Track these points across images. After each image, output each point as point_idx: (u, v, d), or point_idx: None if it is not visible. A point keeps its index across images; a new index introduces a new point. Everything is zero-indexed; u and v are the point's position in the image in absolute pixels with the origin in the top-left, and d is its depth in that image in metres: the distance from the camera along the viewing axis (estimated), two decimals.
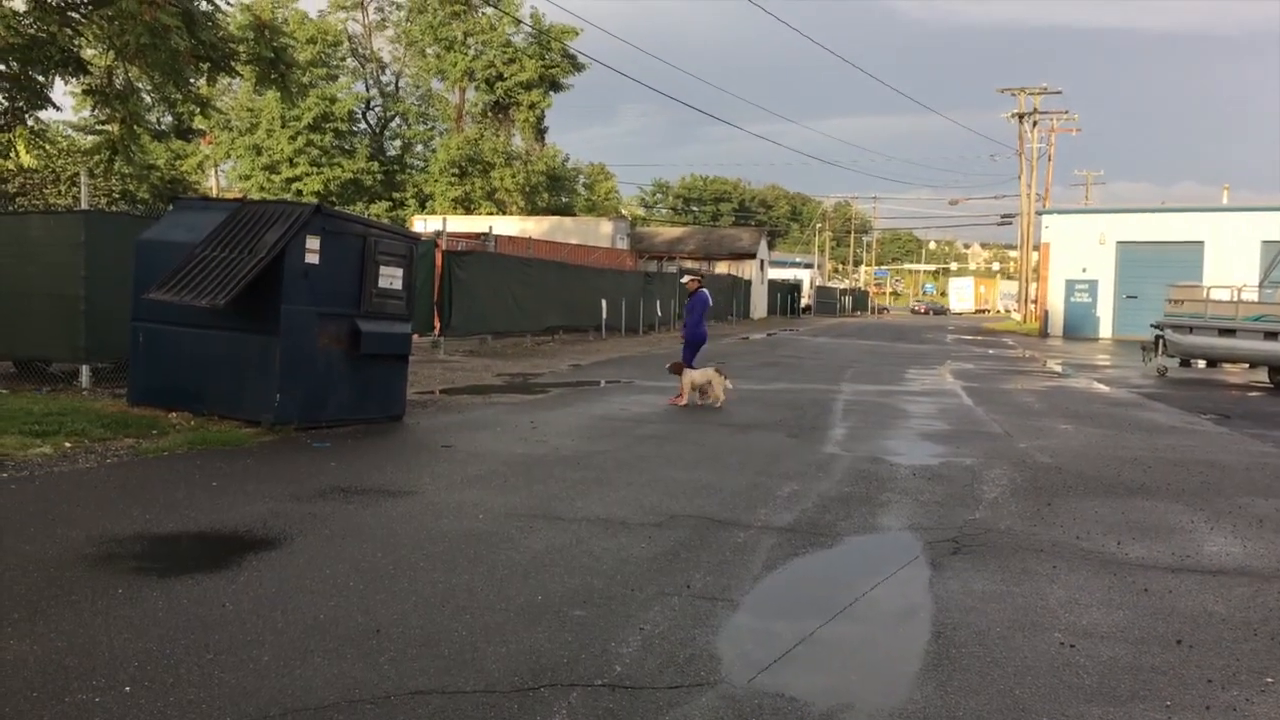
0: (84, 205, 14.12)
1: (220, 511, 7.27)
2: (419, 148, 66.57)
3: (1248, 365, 22.93)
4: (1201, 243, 41.67)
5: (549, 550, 6.50)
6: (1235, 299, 22.27)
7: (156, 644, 4.65)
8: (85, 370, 13.40)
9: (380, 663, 4.52)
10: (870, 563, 6.66)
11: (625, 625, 5.11)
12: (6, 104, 13.12)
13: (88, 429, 10.10)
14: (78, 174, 17.78)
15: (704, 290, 15.95)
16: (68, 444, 9.56)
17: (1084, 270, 44.76)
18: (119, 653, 4.54)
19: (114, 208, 19.61)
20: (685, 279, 17.23)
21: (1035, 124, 59.04)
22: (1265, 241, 38.02)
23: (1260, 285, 24.76)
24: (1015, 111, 59.13)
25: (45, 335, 13.34)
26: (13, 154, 14.72)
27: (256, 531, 6.75)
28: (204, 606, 5.19)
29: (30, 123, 13.65)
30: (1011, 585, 6.05)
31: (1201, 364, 24.04)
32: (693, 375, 14.72)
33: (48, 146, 16.34)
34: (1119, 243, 44.00)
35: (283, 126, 55.71)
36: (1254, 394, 19.79)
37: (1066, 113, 60.88)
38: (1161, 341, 23.00)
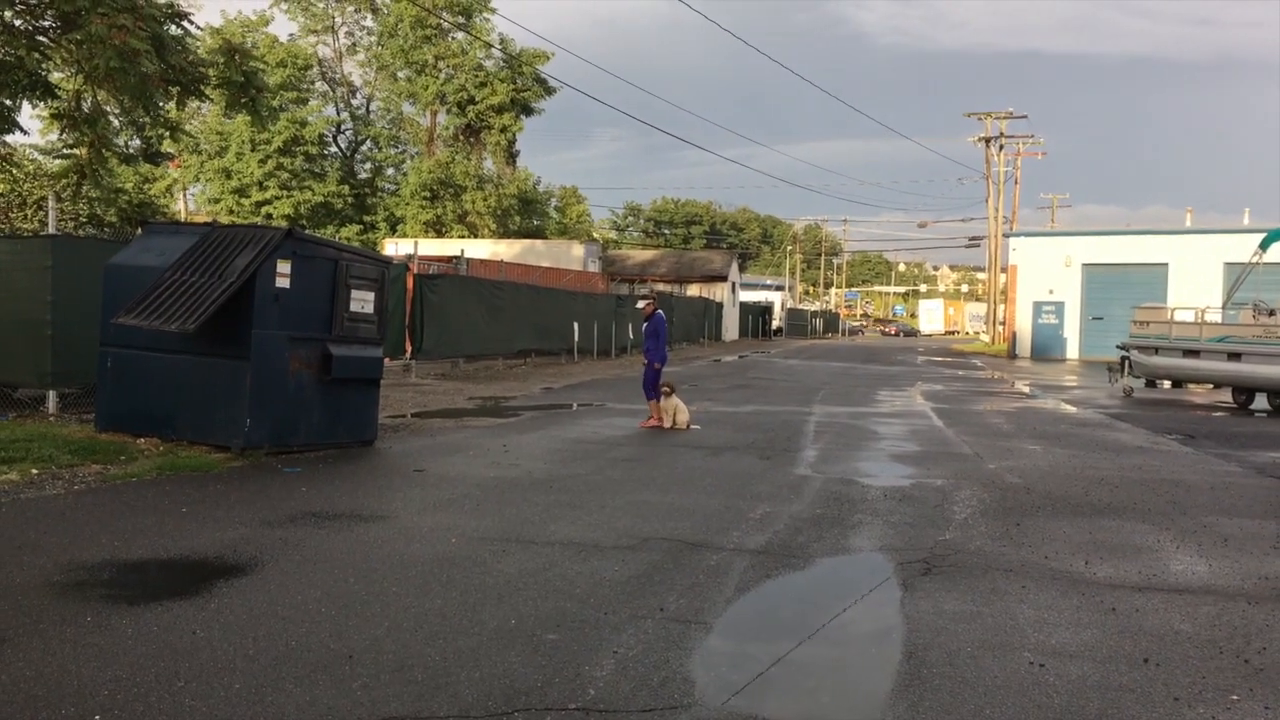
0: (51, 229, 14.02)
1: (190, 538, 7.22)
2: (390, 171, 66.45)
3: (1212, 385, 23.21)
4: (1166, 264, 42.24)
5: (522, 574, 6.49)
6: (1199, 320, 22.55)
7: (126, 672, 4.62)
8: (52, 396, 13.27)
9: (353, 689, 4.51)
10: (842, 584, 6.71)
11: (599, 649, 5.12)
12: None
13: (55, 455, 10.00)
14: (45, 198, 17.65)
15: (660, 312, 15.91)
16: (34, 470, 9.46)
17: (1051, 292, 45.23)
18: (88, 681, 4.50)
19: (82, 232, 19.46)
20: (641, 303, 16.55)
21: (1002, 148, 59.80)
22: (1228, 263, 38.48)
23: (1223, 306, 25.05)
24: (982, 135, 59.86)
25: (11, 360, 13.21)
26: None
27: (227, 558, 6.70)
28: (174, 634, 5.15)
29: None
30: (981, 605, 6.10)
31: (1167, 384, 24.33)
32: (674, 401, 14.73)
33: (14, 170, 16.21)
34: (1085, 265, 44.53)
35: (253, 150, 55.48)
36: (1218, 414, 20.04)
37: (1032, 137, 61.89)
38: (1127, 362, 23.25)
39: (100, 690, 4.40)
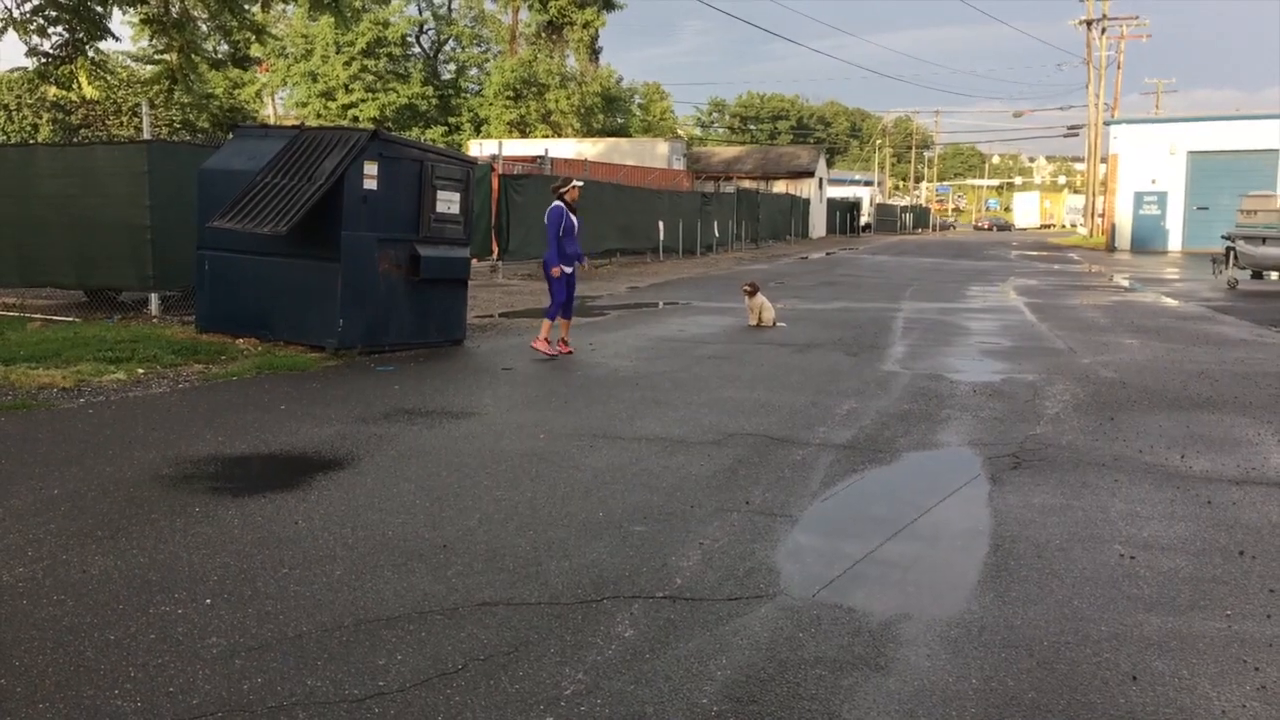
0: (146, 135, 14.31)
1: (290, 434, 7.47)
2: (473, 71, 66.17)
3: None
4: (1276, 151, 40.30)
5: (609, 468, 6.60)
6: None
7: (234, 559, 4.83)
8: (154, 298, 13.71)
9: (448, 576, 4.66)
10: (929, 478, 6.68)
11: (685, 540, 5.20)
12: (67, 35, 13.26)
13: (159, 355, 10.37)
14: (139, 104, 17.99)
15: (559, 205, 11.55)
16: (140, 370, 9.83)
17: (1153, 182, 43.55)
18: (198, 568, 4.72)
19: (175, 137, 19.85)
20: (574, 183, 11.79)
21: (1104, 30, 57.18)
22: None
23: None
24: (1083, 18, 57.27)
25: (114, 265, 13.64)
26: (75, 86, 14.88)
27: (325, 452, 6.93)
28: (277, 524, 5.36)
29: (90, 54, 13.76)
30: (1071, 499, 6.04)
31: (1275, 275, 23.42)
32: (759, 299, 14.50)
33: (109, 78, 16.51)
34: (1190, 152, 42.69)
35: (337, 52, 55.66)
36: None
37: (1137, 18, 58.86)
38: (1233, 253, 22.41)
39: (210, 576, 4.62)
